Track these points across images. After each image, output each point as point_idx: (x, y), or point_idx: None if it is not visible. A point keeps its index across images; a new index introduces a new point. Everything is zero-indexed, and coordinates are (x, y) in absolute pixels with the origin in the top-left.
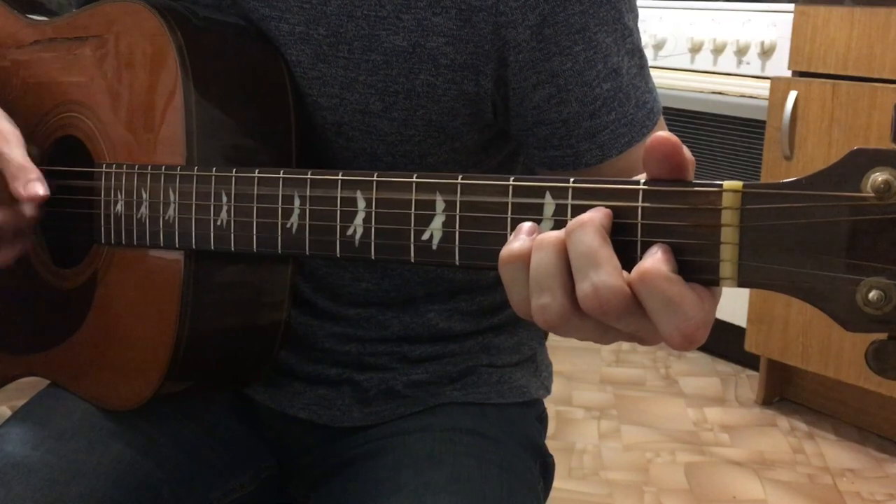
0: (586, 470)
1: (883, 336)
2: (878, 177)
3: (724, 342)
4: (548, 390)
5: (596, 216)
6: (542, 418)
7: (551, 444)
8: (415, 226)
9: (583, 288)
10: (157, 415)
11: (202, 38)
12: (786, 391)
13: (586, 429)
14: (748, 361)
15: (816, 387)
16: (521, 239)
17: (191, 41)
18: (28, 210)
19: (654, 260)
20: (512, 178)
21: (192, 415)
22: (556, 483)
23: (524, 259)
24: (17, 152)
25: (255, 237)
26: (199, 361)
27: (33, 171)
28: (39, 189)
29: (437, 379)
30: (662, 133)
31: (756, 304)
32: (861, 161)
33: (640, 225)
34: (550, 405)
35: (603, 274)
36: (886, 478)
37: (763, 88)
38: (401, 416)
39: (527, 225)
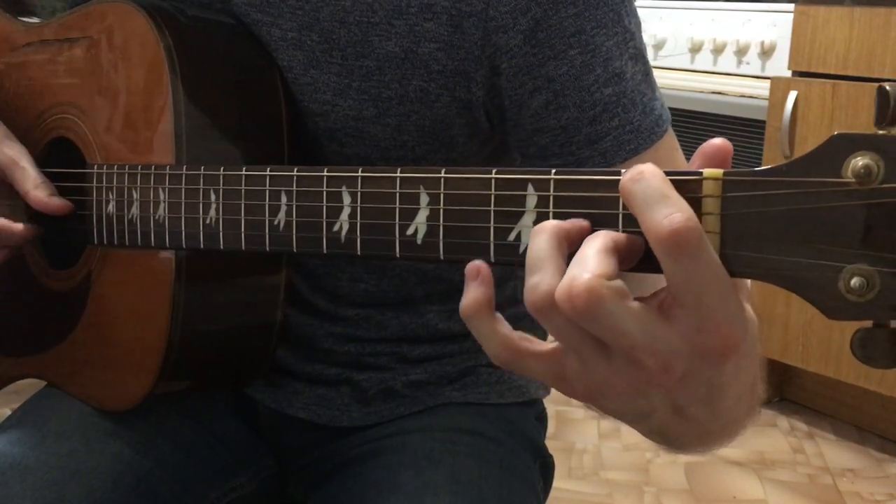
0: (586, 470)
1: (868, 324)
2: (859, 161)
3: None
4: (547, 390)
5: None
6: (542, 418)
7: (551, 444)
8: (399, 220)
9: (560, 284)
10: (155, 414)
11: (191, 37)
12: (786, 391)
13: (586, 429)
14: None
15: (816, 387)
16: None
17: (179, 41)
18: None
19: (650, 166)
20: (494, 171)
21: (191, 414)
22: (556, 483)
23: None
24: (32, 167)
25: (243, 235)
26: (192, 361)
27: (52, 187)
28: (63, 202)
29: (437, 379)
30: (721, 140)
31: (756, 304)
32: (841, 146)
33: (620, 215)
34: (550, 405)
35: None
36: (886, 478)
37: (763, 88)
38: (400, 417)
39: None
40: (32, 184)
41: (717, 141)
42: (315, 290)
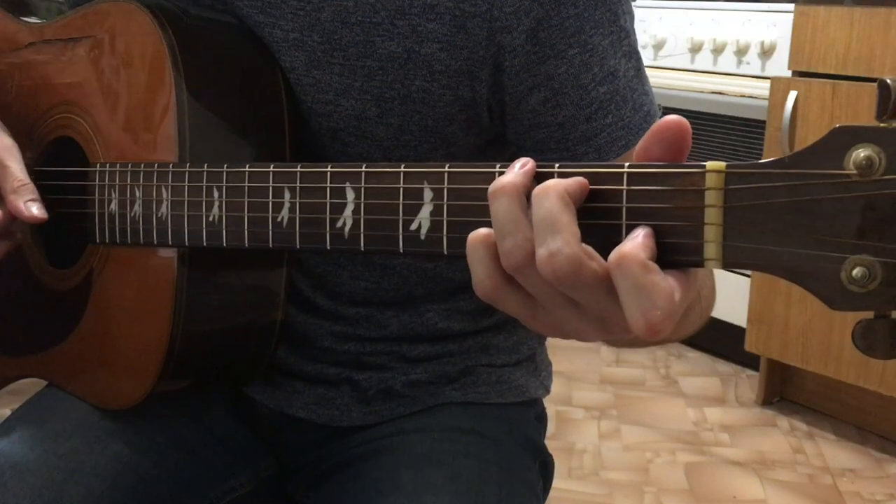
0: (586, 470)
1: (869, 315)
2: (861, 153)
3: (724, 342)
4: (547, 390)
5: (562, 182)
6: (542, 418)
7: (551, 444)
8: (403, 216)
9: (539, 253)
10: (155, 414)
11: (194, 36)
12: (786, 391)
13: (586, 429)
14: (748, 361)
15: (816, 387)
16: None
17: (183, 40)
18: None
19: (634, 245)
20: (498, 166)
21: (191, 414)
22: (556, 483)
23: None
24: (17, 167)
25: (246, 232)
26: (194, 360)
27: (34, 192)
28: (38, 212)
29: (436, 379)
30: (674, 117)
31: (756, 304)
32: (843, 138)
33: (624, 208)
34: (550, 405)
35: (559, 241)
36: (886, 478)
37: (763, 88)
38: (400, 416)
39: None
40: (11, 188)
41: (670, 118)
42: (315, 288)
